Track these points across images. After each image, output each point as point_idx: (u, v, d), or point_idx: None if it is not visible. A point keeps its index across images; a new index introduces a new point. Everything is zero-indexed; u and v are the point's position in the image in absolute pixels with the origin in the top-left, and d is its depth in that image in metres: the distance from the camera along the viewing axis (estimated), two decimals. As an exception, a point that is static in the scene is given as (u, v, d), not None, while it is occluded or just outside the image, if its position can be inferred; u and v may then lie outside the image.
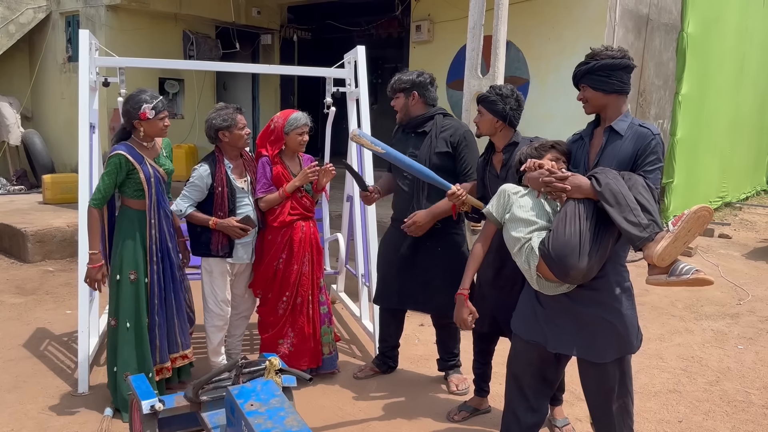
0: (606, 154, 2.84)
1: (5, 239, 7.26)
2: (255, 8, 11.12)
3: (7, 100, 10.15)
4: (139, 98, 3.45)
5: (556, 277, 2.70)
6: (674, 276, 2.55)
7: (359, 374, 4.06)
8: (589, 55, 2.83)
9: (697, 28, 8.07)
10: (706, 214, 2.52)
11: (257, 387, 2.50)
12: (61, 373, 4.09)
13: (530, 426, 3.07)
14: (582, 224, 2.64)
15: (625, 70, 2.82)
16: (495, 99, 3.28)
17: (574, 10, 8.28)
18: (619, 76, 2.80)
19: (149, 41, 9.85)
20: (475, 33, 5.70)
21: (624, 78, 2.82)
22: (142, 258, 3.51)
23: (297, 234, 3.86)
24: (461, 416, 3.58)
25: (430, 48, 9.57)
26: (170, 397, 2.85)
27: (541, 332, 2.90)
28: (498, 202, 2.92)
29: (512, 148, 3.31)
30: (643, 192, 2.62)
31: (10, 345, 4.55)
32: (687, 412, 3.74)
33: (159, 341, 3.61)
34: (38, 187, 9.65)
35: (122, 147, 3.46)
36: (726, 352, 4.64)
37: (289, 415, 2.33)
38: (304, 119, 3.87)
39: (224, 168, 3.74)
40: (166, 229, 3.60)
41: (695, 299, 5.75)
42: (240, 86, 11.92)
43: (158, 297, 3.56)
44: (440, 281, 3.71)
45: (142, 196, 3.49)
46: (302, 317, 3.89)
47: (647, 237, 2.54)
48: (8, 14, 9.91)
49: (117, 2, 9.36)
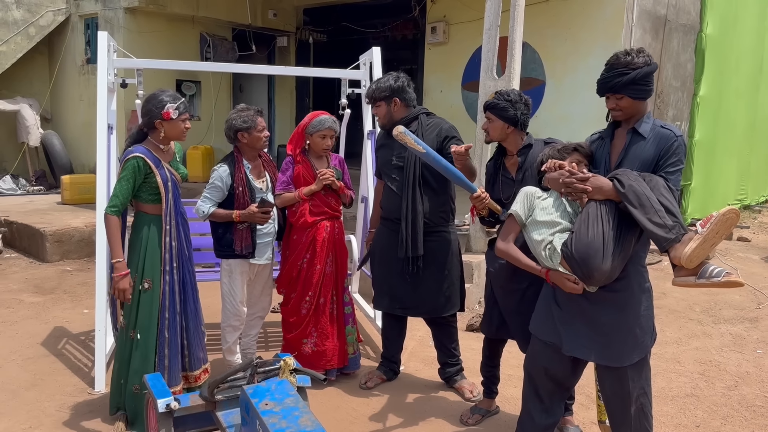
0: (629, 156, 2.81)
1: (24, 239, 7.36)
2: (271, 11, 11.19)
3: (27, 101, 10.28)
4: (162, 98, 3.30)
5: (579, 279, 2.69)
6: (704, 278, 2.53)
7: (368, 384, 3.97)
8: (618, 63, 2.73)
9: (715, 28, 7.99)
10: (733, 216, 2.52)
11: (272, 386, 2.51)
12: (78, 372, 4.13)
13: (544, 427, 3.06)
14: (605, 226, 2.63)
15: (653, 73, 2.80)
16: (505, 106, 3.26)
17: (591, 11, 8.23)
18: (652, 80, 2.78)
19: (167, 43, 9.94)
20: (491, 34, 5.68)
21: (653, 81, 2.81)
22: (157, 266, 3.33)
23: (321, 234, 3.87)
24: (475, 419, 3.56)
25: (445, 49, 9.57)
26: (186, 396, 2.86)
27: (557, 333, 2.89)
28: (523, 204, 2.90)
29: (527, 150, 3.30)
30: (665, 193, 2.60)
31: (28, 343, 4.60)
32: (705, 417, 3.69)
33: (169, 361, 3.37)
34: (57, 188, 9.77)
35: (140, 149, 3.30)
36: (745, 356, 4.58)
37: (304, 414, 2.33)
38: (329, 123, 3.85)
39: (243, 168, 3.76)
40: (184, 236, 3.47)
41: (713, 303, 5.68)
42: (256, 88, 11.98)
43: (170, 310, 3.37)
44: (432, 282, 3.71)
45: (158, 201, 3.33)
46: (325, 317, 3.89)
47: (674, 238, 2.52)
48: (28, 17, 10.05)
49: (135, 5, 9.45)
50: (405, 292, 3.78)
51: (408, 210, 3.68)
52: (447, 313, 3.86)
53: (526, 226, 2.88)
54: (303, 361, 3.79)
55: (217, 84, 10.89)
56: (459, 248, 3.87)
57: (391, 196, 3.81)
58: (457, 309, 3.89)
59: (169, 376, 3.36)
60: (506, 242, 2.95)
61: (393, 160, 3.78)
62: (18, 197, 9.47)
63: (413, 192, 3.67)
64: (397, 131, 3.11)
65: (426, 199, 3.68)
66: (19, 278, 6.36)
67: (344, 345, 3.97)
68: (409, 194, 3.68)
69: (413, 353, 4.55)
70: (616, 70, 2.77)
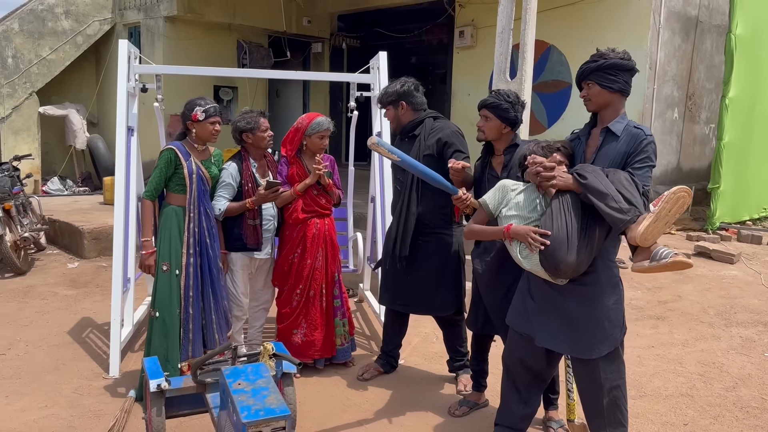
0: (601, 155, 2.91)
1: (66, 236, 7.78)
2: (305, 17, 11.48)
3: (74, 107, 10.83)
4: (194, 103, 3.77)
5: (546, 271, 2.79)
6: (655, 261, 2.63)
7: (365, 375, 4.12)
8: (595, 55, 2.91)
9: (746, 29, 7.84)
10: (685, 195, 2.64)
11: (248, 369, 2.69)
12: (97, 358, 4.40)
13: (522, 417, 3.16)
14: (568, 219, 2.74)
15: (630, 73, 2.90)
16: (507, 107, 3.34)
17: (617, 13, 8.21)
18: (625, 76, 2.88)
19: (205, 50, 10.33)
20: (503, 38, 5.76)
21: (628, 79, 2.91)
22: (179, 250, 3.72)
23: (311, 230, 4.06)
24: (462, 411, 3.67)
25: (473, 53, 9.66)
26: (179, 378, 3.07)
27: (530, 325, 2.99)
28: (495, 195, 3.02)
29: (513, 149, 3.39)
30: (627, 186, 2.69)
31: (56, 332, 4.92)
32: (695, 416, 3.70)
33: (192, 335, 3.74)
34: (101, 189, 10.25)
35: (174, 143, 3.78)
36: (751, 359, 4.53)
37: (272, 394, 2.50)
38: (327, 124, 4.05)
39: (250, 166, 3.99)
40: (206, 227, 3.78)
41: (729, 306, 5.61)
42: (292, 93, 12.31)
43: (194, 290, 3.73)
44: (433, 282, 3.83)
45: (184, 191, 3.73)
46: (314, 309, 4.08)
47: (629, 219, 2.63)
48: (76, 26, 10.59)
49: (174, 13, 9.86)
50: (405, 289, 3.92)
51: (402, 211, 3.82)
52: (442, 313, 3.97)
53: (498, 218, 2.99)
54: (293, 350, 3.98)
55: (253, 90, 11.23)
56: (460, 250, 3.92)
57: (396, 196, 3.98)
58: (454, 309, 3.93)
59: (193, 349, 3.75)
60: (473, 222, 3.08)
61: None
62: (64, 197, 9.97)
63: (410, 193, 3.80)
64: (371, 142, 3.27)
65: (425, 201, 3.79)
66: (57, 273, 6.75)
67: (332, 336, 4.14)
68: (406, 195, 3.81)
69: (416, 348, 4.67)
70: (588, 60, 2.91)
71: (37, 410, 3.66)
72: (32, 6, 10.25)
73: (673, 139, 8.89)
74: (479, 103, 3.43)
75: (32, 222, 7.26)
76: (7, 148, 9.93)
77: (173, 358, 3.72)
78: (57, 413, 3.63)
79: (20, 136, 10.26)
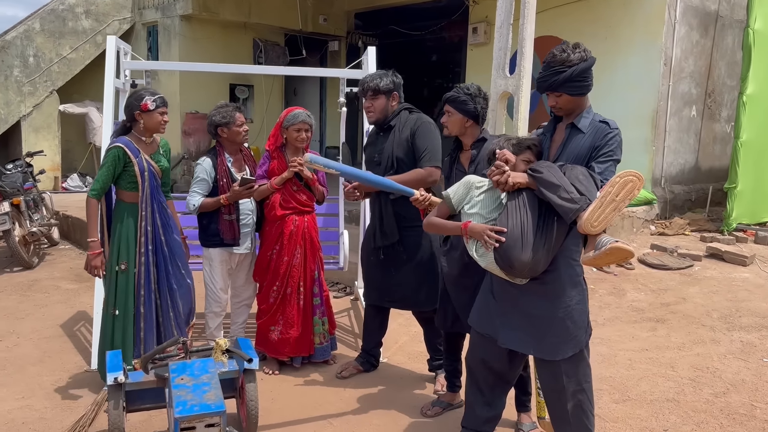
0: (566, 150, 2.84)
1: (78, 232, 7.91)
2: (322, 16, 11.47)
3: (94, 105, 10.99)
4: (141, 93, 3.64)
5: (501, 269, 2.72)
6: (598, 250, 2.54)
7: (343, 373, 4.08)
8: (554, 61, 2.74)
9: (765, 23, 7.55)
10: (633, 179, 2.54)
11: (196, 364, 2.68)
12: (83, 351, 4.45)
13: (486, 420, 3.08)
14: (524, 216, 2.66)
15: (591, 68, 2.79)
16: (465, 99, 3.30)
17: (631, 7, 8.00)
18: (590, 75, 2.79)
19: (221, 49, 10.40)
20: (502, 32, 5.62)
21: (591, 76, 2.81)
22: (133, 249, 3.64)
23: (288, 227, 4.02)
24: (434, 411, 3.60)
25: (486, 50, 9.50)
26: (140, 372, 3.07)
27: (493, 326, 2.91)
28: (459, 190, 2.94)
29: (480, 144, 3.33)
30: (582, 180, 2.61)
31: (50, 324, 5.00)
32: (677, 422, 3.57)
33: (144, 334, 3.66)
34: (118, 186, 10.41)
35: (122, 140, 3.62)
36: (747, 364, 4.36)
37: (212, 390, 2.48)
38: (302, 116, 4.01)
39: (225, 161, 3.98)
40: (160, 223, 3.72)
41: (734, 309, 5.41)
42: (309, 91, 12.33)
43: (145, 288, 3.65)
44: (411, 278, 3.77)
45: (135, 189, 3.63)
46: (291, 307, 4.04)
47: (578, 207, 2.55)
48: (96, 26, 10.78)
49: (189, 12, 9.95)
50: (389, 284, 3.87)
51: (376, 203, 3.80)
52: (427, 307, 3.90)
53: (460, 214, 2.91)
54: (269, 347, 3.96)
55: (269, 88, 11.28)
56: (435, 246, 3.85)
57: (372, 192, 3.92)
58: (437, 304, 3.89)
59: (144, 348, 3.65)
60: (433, 215, 3.01)
61: (375, 157, 3.90)
62: (82, 194, 10.10)
63: None
64: (305, 159, 3.26)
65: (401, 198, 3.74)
66: (64, 267, 6.87)
67: (310, 335, 4.09)
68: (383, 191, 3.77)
69: (402, 347, 4.61)
70: (552, 69, 2.78)
71: (13, 401, 3.71)
72: (53, 6, 10.47)
73: (691, 138, 8.63)
74: (442, 100, 3.39)
75: (43, 217, 7.41)
76: (28, 145, 10.14)
77: (130, 356, 3.62)
78: (32, 404, 3.67)
79: (41, 134, 10.49)
